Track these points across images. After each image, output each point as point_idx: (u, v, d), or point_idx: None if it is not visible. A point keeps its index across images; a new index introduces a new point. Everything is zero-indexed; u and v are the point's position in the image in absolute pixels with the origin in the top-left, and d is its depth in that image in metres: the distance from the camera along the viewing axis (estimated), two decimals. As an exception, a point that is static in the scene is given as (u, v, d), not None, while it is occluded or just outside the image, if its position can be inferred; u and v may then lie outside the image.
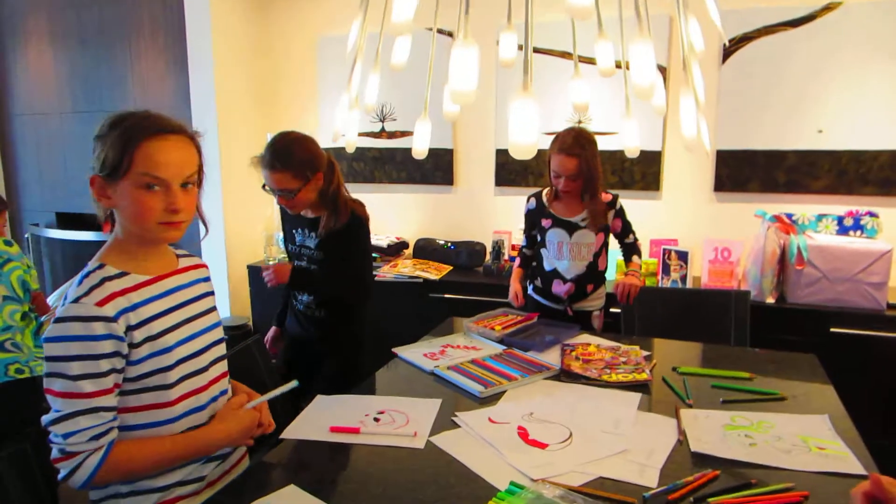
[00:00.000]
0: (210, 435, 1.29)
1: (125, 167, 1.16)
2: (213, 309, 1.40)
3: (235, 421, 1.33)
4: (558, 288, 2.47)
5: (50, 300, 2.49)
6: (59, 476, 1.15)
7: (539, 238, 2.52)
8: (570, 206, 2.43)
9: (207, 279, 1.42)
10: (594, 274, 2.47)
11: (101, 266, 1.20)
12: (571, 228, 2.42)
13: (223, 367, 1.40)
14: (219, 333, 1.40)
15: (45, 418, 1.15)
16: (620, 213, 2.48)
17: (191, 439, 1.26)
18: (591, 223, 2.38)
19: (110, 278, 1.19)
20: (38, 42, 4.13)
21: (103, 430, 1.15)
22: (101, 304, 1.14)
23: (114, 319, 1.15)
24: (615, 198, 2.46)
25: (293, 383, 1.46)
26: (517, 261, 2.65)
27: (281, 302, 2.44)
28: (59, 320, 1.13)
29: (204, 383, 1.31)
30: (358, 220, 2.12)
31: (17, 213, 4.50)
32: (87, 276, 1.18)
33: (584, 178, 2.32)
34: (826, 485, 1.27)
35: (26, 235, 4.35)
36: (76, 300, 1.14)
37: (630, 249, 2.50)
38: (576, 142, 2.29)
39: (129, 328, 1.18)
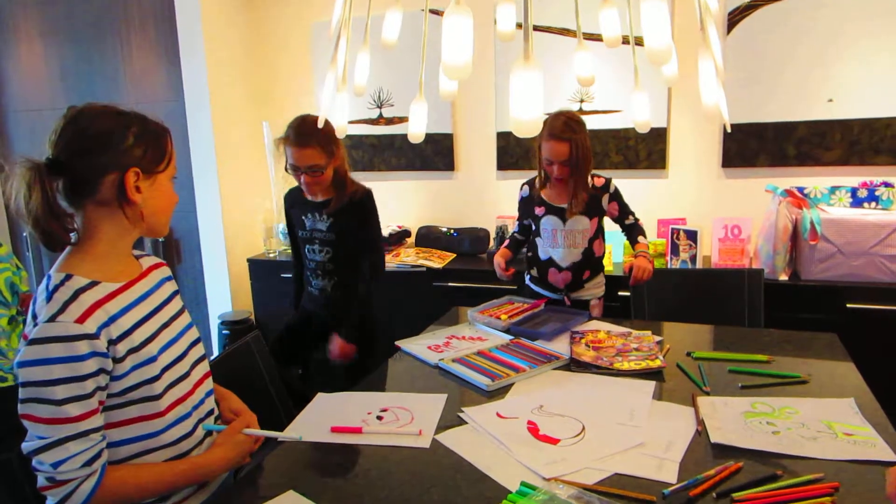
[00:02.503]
0: (209, 462, 1.25)
1: (167, 160, 1.21)
2: (184, 308, 1.35)
3: (232, 446, 1.28)
4: (555, 277, 2.40)
5: None
6: (50, 503, 1.09)
7: (533, 227, 2.45)
8: (563, 192, 2.34)
9: (171, 278, 1.36)
10: (590, 261, 2.39)
11: (68, 277, 1.11)
12: (565, 215, 2.34)
13: (205, 367, 1.35)
14: (195, 334, 1.34)
15: (26, 446, 1.07)
16: (616, 196, 2.38)
17: (190, 467, 1.22)
18: (575, 208, 2.30)
19: (83, 289, 1.11)
20: (29, 37, 4.04)
21: (95, 453, 1.09)
22: (80, 320, 1.07)
23: (96, 336, 1.08)
24: (608, 181, 2.37)
25: (297, 436, 1.40)
26: (506, 241, 2.58)
27: (295, 292, 2.47)
28: (34, 342, 1.04)
29: (189, 388, 1.26)
30: (366, 194, 2.23)
31: (14, 213, 4.44)
32: (55, 289, 1.09)
33: (576, 163, 2.24)
34: (856, 474, 1.20)
35: (24, 233, 4.29)
36: (51, 319, 1.06)
37: (633, 231, 2.40)
38: (566, 126, 2.20)
39: (111, 342, 1.11)
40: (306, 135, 2.05)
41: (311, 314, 2.37)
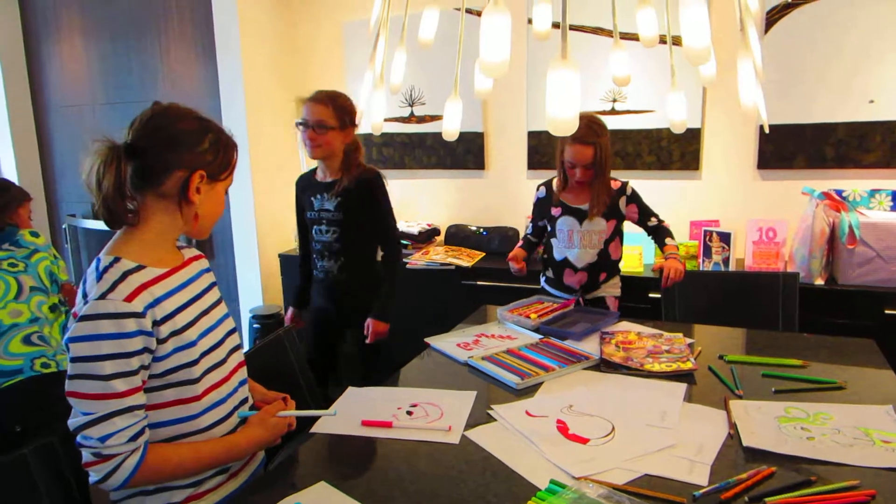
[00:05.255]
0: (243, 441, 1.28)
1: (230, 171, 1.28)
2: (221, 299, 1.39)
3: (267, 428, 1.32)
4: (570, 278, 2.39)
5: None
6: (92, 480, 1.12)
7: (549, 228, 2.44)
8: (581, 193, 2.34)
9: (209, 269, 1.40)
10: (607, 262, 2.38)
11: (117, 259, 1.16)
12: (582, 216, 2.33)
13: (240, 356, 1.38)
14: (231, 323, 1.38)
15: (72, 422, 1.11)
16: (634, 199, 2.36)
17: (225, 445, 1.26)
18: (596, 210, 2.29)
19: (130, 271, 1.16)
20: (71, 35, 4.16)
21: (139, 429, 1.13)
22: (129, 299, 1.12)
23: (143, 315, 1.12)
24: (624, 184, 2.35)
25: (332, 412, 1.44)
26: (520, 242, 2.56)
27: (299, 282, 2.50)
28: (85, 318, 1.09)
29: (225, 375, 1.29)
30: (375, 175, 2.25)
31: (54, 204, 4.57)
32: (105, 270, 1.14)
33: (599, 166, 2.23)
34: (894, 482, 1.17)
35: (63, 226, 4.41)
36: (102, 297, 1.10)
37: (659, 232, 2.37)
38: (590, 129, 2.19)
39: (155, 323, 1.15)
40: (325, 95, 2.17)
41: (323, 321, 2.39)
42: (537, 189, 2.49)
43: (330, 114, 2.14)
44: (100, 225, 4.10)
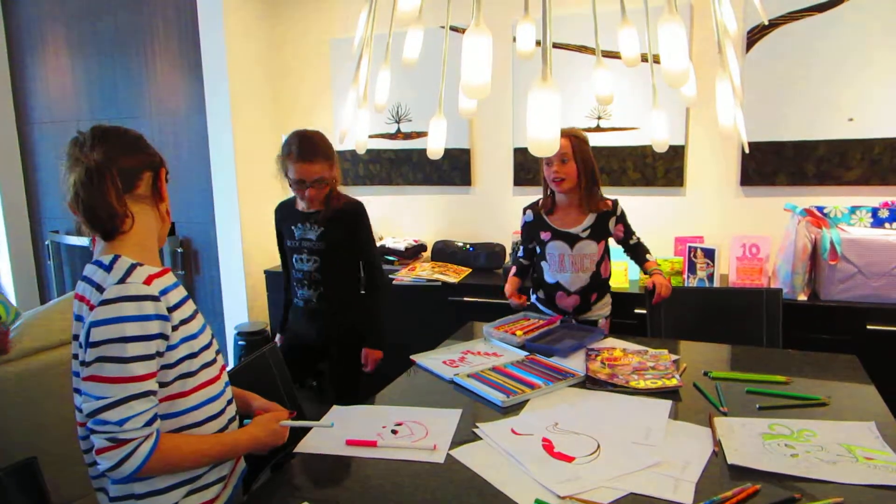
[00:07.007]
0: (243, 438, 1.29)
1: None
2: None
3: (268, 431, 1.33)
4: (563, 301, 2.38)
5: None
6: (103, 468, 1.10)
7: (539, 251, 2.43)
8: (570, 217, 2.34)
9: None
10: (598, 283, 2.37)
11: (117, 257, 1.18)
12: (572, 240, 2.32)
13: (222, 360, 1.39)
14: (211, 331, 1.38)
15: (87, 406, 1.10)
16: (622, 218, 2.38)
17: (228, 440, 1.27)
18: (594, 232, 2.30)
19: (136, 264, 1.18)
20: (56, 51, 4.14)
21: (153, 414, 1.13)
22: (146, 283, 1.15)
23: (158, 299, 1.15)
24: (615, 203, 2.36)
25: (330, 424, 1.45)
26: (513, 269, 2.54)
27: (282, 312, 2.47)
28: (106, 302, 1.11)
29: (216, 374, 1.30)
30: (358, 205, 2.25)
31: (37, 221, 4.52)
32: (112, 264, 1.16)
33: (579, 174, 2.23)
34: (877, 499, 1.18)
35: (47, 242, 4.36)
36: (121, 281, 1.13)
37: (639, 250, 2.40)
38: (564, 131, 2.18)
39: (169, 310, 1.17)
40: (312, 150, 2.09)
41: (297, 341, 2.36)
42: (524, 213, 2.47)
43: (326, 165, 2.10)
44: (83, 241, 4.07)
